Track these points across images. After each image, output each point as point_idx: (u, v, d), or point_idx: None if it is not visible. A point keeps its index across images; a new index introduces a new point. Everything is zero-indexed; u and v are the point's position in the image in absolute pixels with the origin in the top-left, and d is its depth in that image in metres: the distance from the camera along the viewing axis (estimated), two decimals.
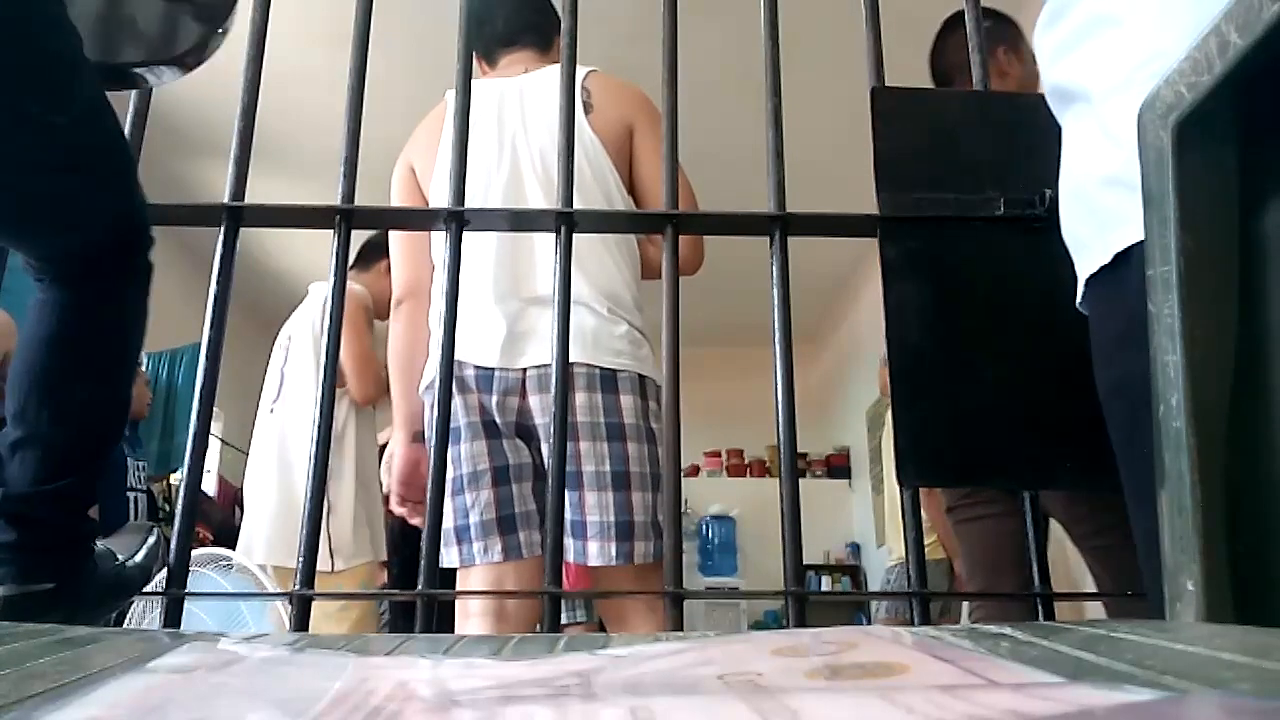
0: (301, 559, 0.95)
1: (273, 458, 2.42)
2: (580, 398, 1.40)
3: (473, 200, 1.46)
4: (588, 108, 1.51)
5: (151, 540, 1.01)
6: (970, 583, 1.90)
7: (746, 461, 7.23)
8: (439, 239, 1.53)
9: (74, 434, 0.87)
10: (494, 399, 1.43)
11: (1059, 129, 0.87)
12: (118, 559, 0.95)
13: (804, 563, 0.97)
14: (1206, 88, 0.51)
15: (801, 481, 1.01)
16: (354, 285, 2.55)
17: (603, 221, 1.28)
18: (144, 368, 4.73)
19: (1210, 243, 0.54)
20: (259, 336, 2.66)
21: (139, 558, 0.97)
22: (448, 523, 1.41)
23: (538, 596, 0.97)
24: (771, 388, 0.99)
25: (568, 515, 1.40)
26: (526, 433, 1.45)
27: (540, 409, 1.43)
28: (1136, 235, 0.72)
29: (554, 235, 1.05)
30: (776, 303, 1.02)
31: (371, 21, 1.09)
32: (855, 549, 6.89)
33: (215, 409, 1.02)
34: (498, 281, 1.46)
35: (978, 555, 1.84)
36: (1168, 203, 0.55)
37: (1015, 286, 0.99)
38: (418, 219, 1.33)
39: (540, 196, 1.48)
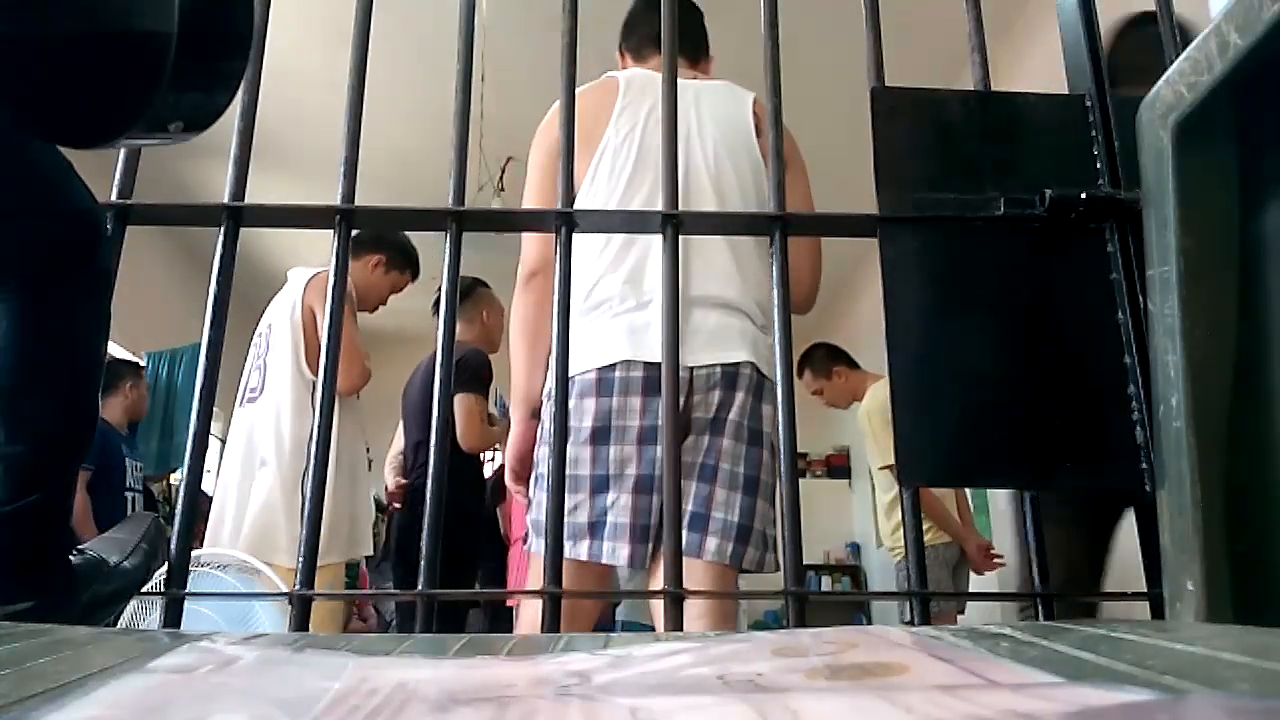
0: (302, 559, 0.95)
1: (240, 450, 2.36)
2: (739, 396, 1.45)
3: (642, 197, 1.51)
4: (757, 130, 1.60)
5: (153, 535, 0.99)
6: (1025, 584, 1.91)
7: None
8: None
9: (35, 450, 0.86)
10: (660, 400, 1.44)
11: (1058, 129, 0.87)
12: (108, 564, 0.93)
13: (804, 563, 0.97)
14: (1206, 88, 0.51)
15: (801, 481, 1.01)
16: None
17: (601, 221, 1.28)
18: (144, 368, 4.74)
19: (1210, 243, 0.54)
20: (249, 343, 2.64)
21: (133, 559, 0.96)
22: (581, 518, 1.43)
23: (539, 596, 0.97)
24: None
25: (692, 509, 1.44)
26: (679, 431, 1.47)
27: (703, 405, 1.46)
28: None
29: (554, 235, 1.05)
30: (777, 303, 1.02)
31: (371, 21, 1.09)
32: (855, 549, 6.90)
33: (215, 409, 1.01)
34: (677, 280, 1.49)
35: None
36: (1168, 203, 0.55)
37: (1015, 286, 0.99)
38: (419, 220, 1.34)
39: (711, 199, 1.54)
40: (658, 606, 1.50)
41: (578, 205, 1.53)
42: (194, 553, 2.11)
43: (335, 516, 2.29)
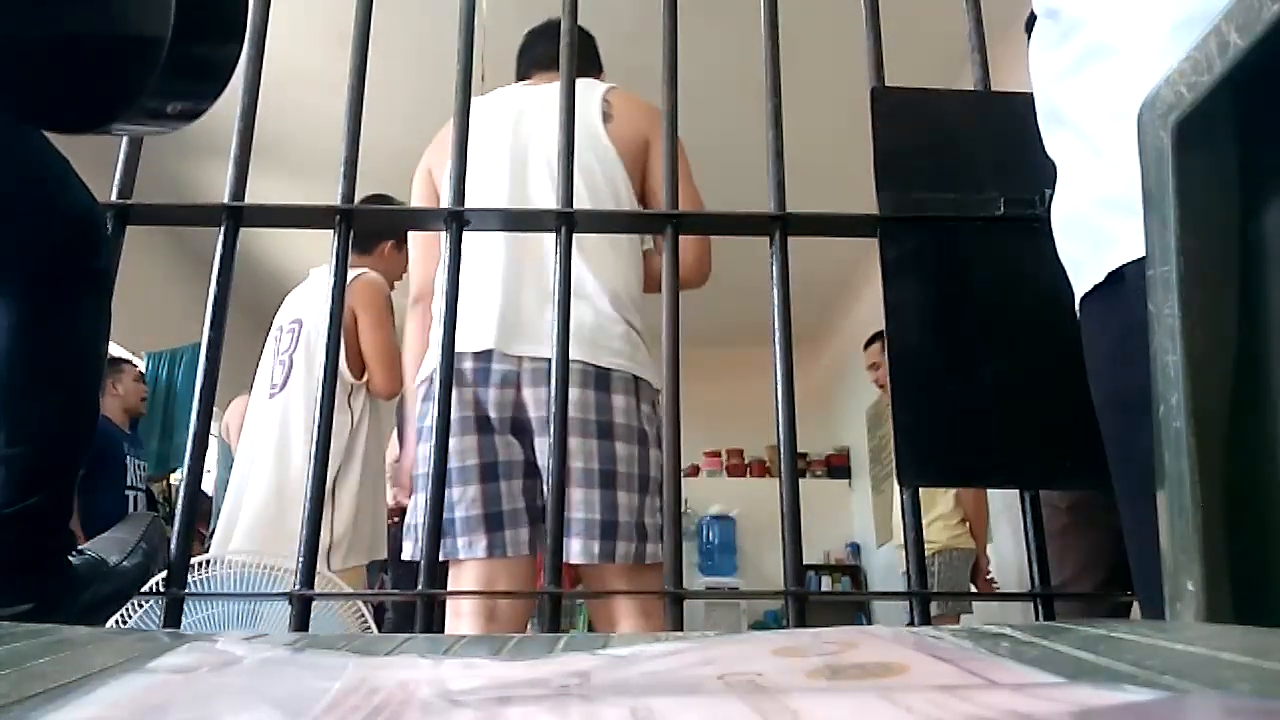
0: (301, 559, 0.95)
1: (271, 445, 2.31)
2: (574, 394, 1.41)
3: (475, 198, 1.51)
4: (606, 117, 1.60)
5: (152, 535, 0.99)
6: (1078, 581, 1.90)
7: (746, 461, 7.23)
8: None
9: (36, 451, 0.86)
10: (490, 392, 1.44)
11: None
12: (107, 564, 0.93)
13: (804, 563, 0.97)
14: (1206, 88, 0.51)
15: (801, 481, 1.01)
16: (373, 274, 2.45)
17: (603, 221, 1.28)
18: (143, 368, 4.73)
19: (1210, 243, 0.54)
20: (259, 336, 2.64)
21: (132, 559, 0.96)
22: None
23: (537, 597, 0.97)
24: (771, 388, 0.99)
25: (568, 514, 1.41)
26: (521, 427, 1.46)
27: (534, 403, 1.44)
28: (1131, 254, 0.73)
29: (554, 235, 1.05)
30: (776, 303, 1.01)
31: (371, 21, 1.09)
32: (855, 549, 6.89)
33: (215, 409, 1.02)
34: (502, 273, 1.49)
35: (1094, 557, 1.84)
36: (1168, 203, 0.55)
37: (1015, 286, 0.99)
38: (418, 219, 1.34)
39: (549, 195, 1.51)
40: (596, 608, 1.50)
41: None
42: (239, 554, 2.08)
43: (359, 519, 2.28)
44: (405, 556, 1.48)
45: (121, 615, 1.70)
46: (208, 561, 1.91)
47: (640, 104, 1.64)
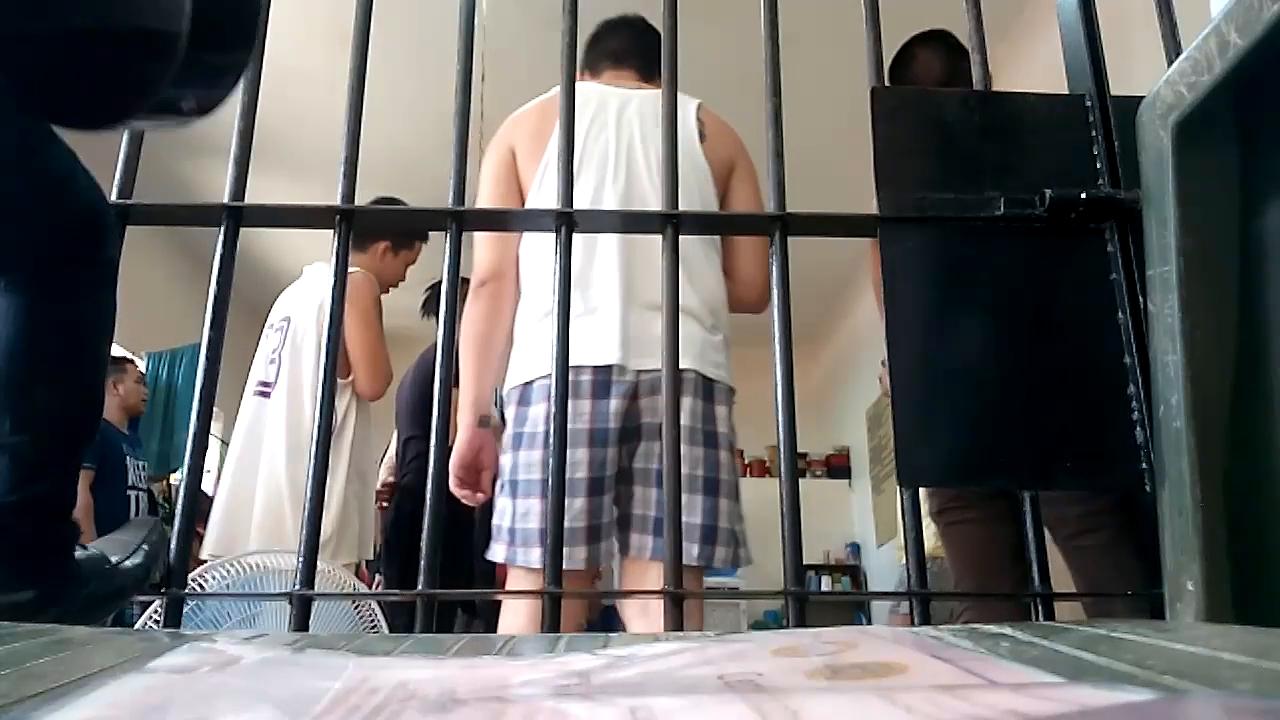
0: (301, 559, 0.95)
1: (258, 444, 2.32)
2: (686, 402, 1.46)
3: (584, 201, 1.52)
4: (701, 136, 1.63)
5: (155, 538, 0.99)
6: (959, 585, 1.91)
7: (746, 461, 7.23)
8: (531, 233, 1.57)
9: (40, 440, 0.86)
10: (610, 404, 1.46)
11: (1058, 129, 0.87)
12: (109, 562, 0.93)
13: (804, 563, 0.97)
14: (1206, 88, 0.51)
15: (801, 481, 1.01)
16: (363, 272, 2.42)
17: (602, 221, 1.28)
18: (143, 367, 4.74)
19: (1210, 243, 0.54)
20: (259, 336, 2.64)
21: (133, 560, 0.96)
22: (533, 523, 1.44)
23: (537, 597, 0.97)
24: (771, 388, 0.99)
25: (653, 514, 1.48)
26: (629, 435, 1.48)
27: (651, 410, 1.47)
28: None
29: (554, 235, 1.05)
30: (776, 303, 1.01)
31: (371, 21, 1.09)
32: (855, 549, 6.90)
33: (215, 409, 1.01)
34: (623, 286, 1.51)
35: (966, 559, 1.86)
36: (1168, 203, 0.55)
37: (1015, 286, 0.99)
38: (419, 220, 1.34)
39: (654, 203, 1.53)
40: (626, 606, 1.52)
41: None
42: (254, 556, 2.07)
43: (346, 518, 2.29)
44: (494, 558, 1.51)
45: (147, 624, 1.70)
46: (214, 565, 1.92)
47: (726, 126, 1.69)
